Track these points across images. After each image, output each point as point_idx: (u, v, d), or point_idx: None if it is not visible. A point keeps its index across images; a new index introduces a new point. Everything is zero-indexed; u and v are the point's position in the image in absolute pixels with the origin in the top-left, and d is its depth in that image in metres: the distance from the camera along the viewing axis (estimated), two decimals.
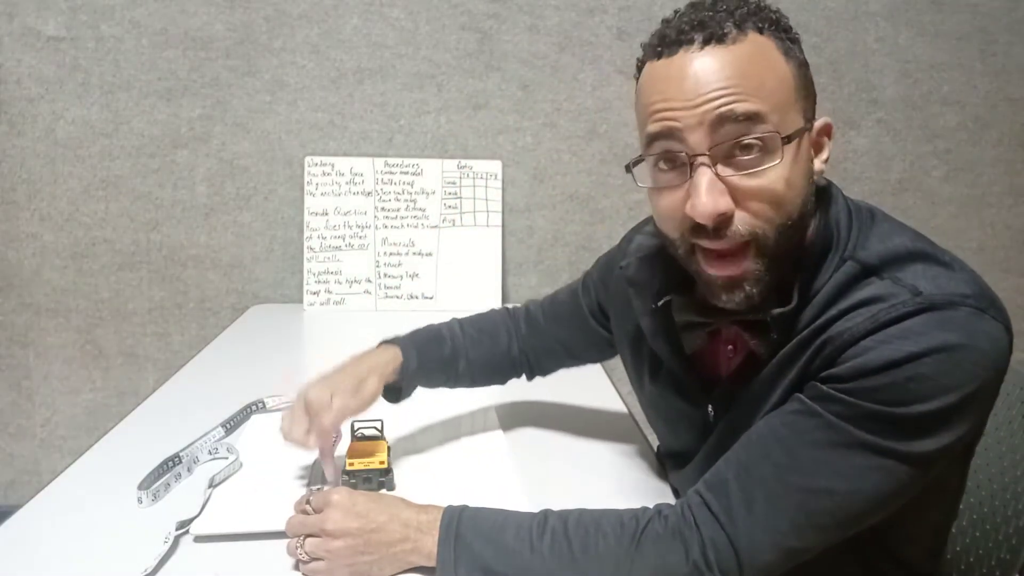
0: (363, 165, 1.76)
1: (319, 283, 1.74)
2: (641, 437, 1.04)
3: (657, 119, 0.64)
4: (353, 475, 0.84)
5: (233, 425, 1.03)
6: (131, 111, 1.71)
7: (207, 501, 0.82)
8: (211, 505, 0.81)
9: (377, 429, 0.90)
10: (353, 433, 0.89)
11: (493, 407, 1.09)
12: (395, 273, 1.75)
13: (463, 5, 1.73)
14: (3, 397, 1.83)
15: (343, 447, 0.88)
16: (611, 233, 1.82)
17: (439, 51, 1.75)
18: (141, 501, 0.82)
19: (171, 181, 1.75)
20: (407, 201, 1.76)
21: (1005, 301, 0.64)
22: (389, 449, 0.88)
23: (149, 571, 0.69)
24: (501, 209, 1.78)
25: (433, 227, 1.76)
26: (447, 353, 0.97)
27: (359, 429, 0.89)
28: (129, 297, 1.79)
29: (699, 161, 0.62)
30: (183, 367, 1.30)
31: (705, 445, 0.77)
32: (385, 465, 0.85)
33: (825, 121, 0.69)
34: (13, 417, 1.84)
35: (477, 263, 1.77)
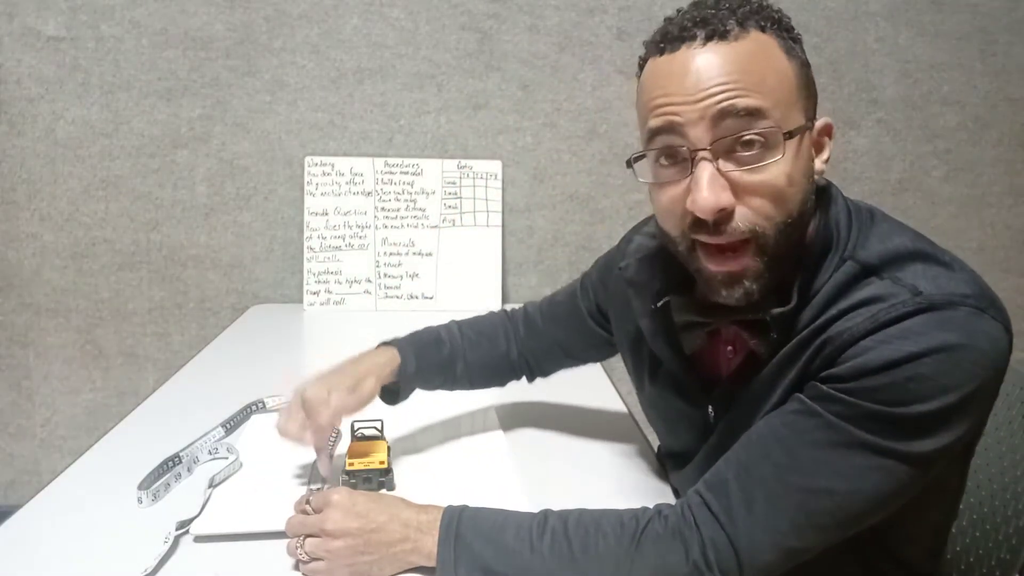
0: (363, 165, 1.76)
1: (319, 283, 1.74)
2: (641, 437, 1.04)
3: (659, 114, 0.64)
4: (353, 475, 0.84)
5: (233, 425, 1.03)
6: (131, 111, 1.72)
7: (207, 501, 0.82)
8: (211, 505, 0.81)
9: (377, 429, 0.90)
10: (353, 433, 0.89)
11: (493, 407, 1.09)
12: (395, 273, 1.75)
13: (463, 5, 1.73)
14: (3, 397, 1.83)
15: (343, 447, 0.88)
16: (611, 233, 1.82)
17: (439, 51, 1.75)
18: (141, 501, 0.82)
19: (171, 181, 1.75)
20: (407, 201, 1.76)
21: (1005, 301, 0.64)
22: (389, 449, 0.88)
23: (149, 571, 0.69)
24: (501, 209, 1.78)
25: (433, 227, 1.76)
26: (445, 355, 0.97)
27: (359, 429, 0.89)
28: (129, 297, 1.79)
29: (700, 156, 0.62)
30: (183, 367, 1.30)
31: (705, 445, 0.77)
32: (385, 465, 0.85)
33: (826, 121, 0.69)
34: (13, 417, 1.84)
35: (477, 263, 1.77)
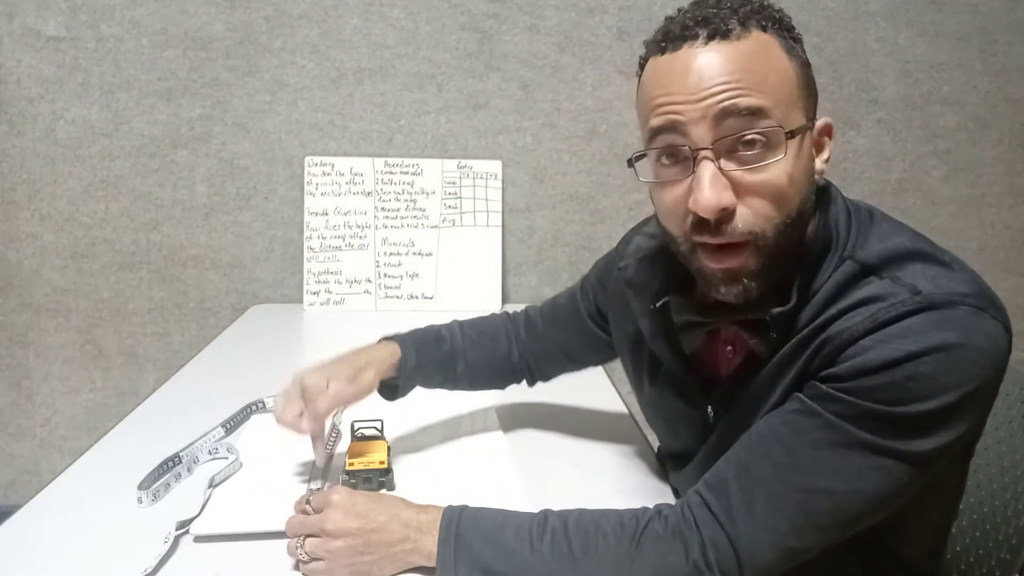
0: (363, 165, 1.76)
1: (319, 283, 1.74)
2: (641, 437, 1.04)
3: (660, 113, 0.64)
4: (353, 475, 0.84)
5: (233, 425, 1.03)
6: (131, 111, 1.72)
7: (207, 501, 0.82)
8: (211, 505, 0.81)
9: (377, 429, 0.90)
10: (353, 433, 0.89)
11: (493, 407, 1.10)
12: (395, 273, 1.75)
13: (463, 5, 1.73)
14: (3, 397, 1.83)
15: (343, 447, 0.88)
16: (611, 233, 1.82)
17: (439, 51, 1.75)
18: (141, 501, 0.82)
19: (171, 181, 1.75)
20: (407, 201, 1.76)
21: (1005, 301, 0.64)
22: (389, 449, 0.88)
23: (149, 571, 0.69)
24: (501, 209, 1.78)
25: (433, 227, 1.76)
26: (446, 353, 0.97)
27: (359, 429, 0.89)
28: (129, 297, 1.79)
29: (702, 155, 0.62)
30: (183, 367, 1.30)
31: (705, 445, 0.77)
32: (385, 465, 0.85)
33: (826, 121, 0.69)
34: (13, 417, 1.84)
35: (477, 263, 1.77)
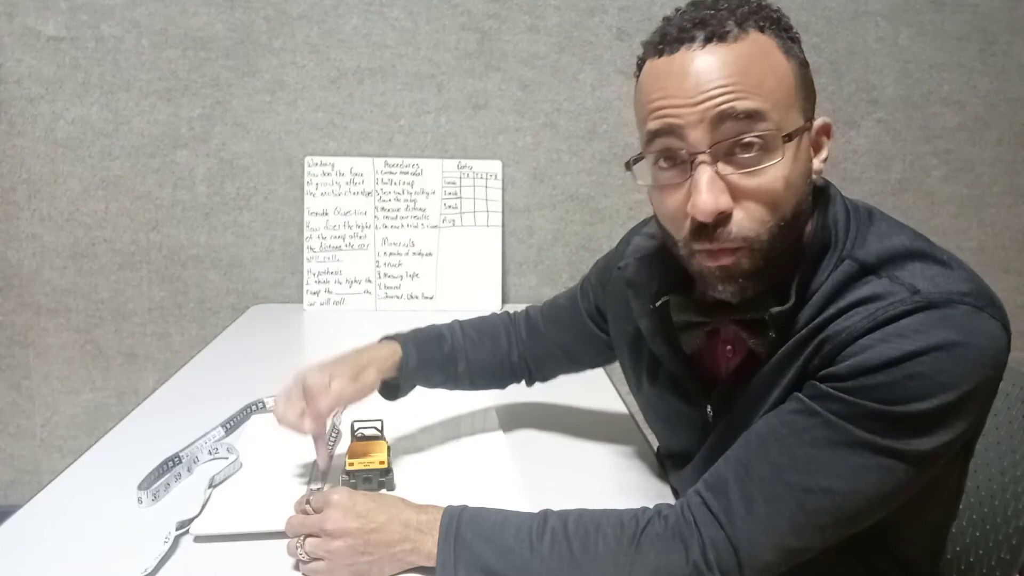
0: (363, 165, 1.76)
1: (319, 283, 1.74)
2: (641, 438, 1.04)
3: (658, 116, 0.64)
4: (353, 475, 0.84)
5: (233, 425, 1.03)
6: (131, 111, 1.72)
7: (207, 501, 0.82)
8: (211, 505, 0.81)
9: (377, 429, 0.90)
10: (353, 433, 0.89)
11: (493, 407, 1.10)
12: (395, 273, 1.75)
13: (463, 5, 1.73)
14: (3, 397, 1.83)
15: (343, 447, 0.88)
16: (611, 233, 1.82)
17: (439, 51, 1.75)
18: (141, 501, 0.82)
19: (171, 181, 1.75)
20: (407, 201, 1.76)
21: (1005, 301, 0.64)
22: (389, 449, 0.88)
23: (149, 571, 0.69)
24: (501, 209, 1.78)
25: (433, 227, 1.76)
26: (447, 352, 0.97)
27: (359, 429, 0.89)
28: (129, 297, 1.79)
29: (699, 159, 0.62)
30: (183, 367, 1.30)
31: (704, 445, 0.77)
32: (385, 465, 0.85)
33: (824, 121, 0.69)
34: (13, 417, 1.84)
35: (477, 263, 1.77)
